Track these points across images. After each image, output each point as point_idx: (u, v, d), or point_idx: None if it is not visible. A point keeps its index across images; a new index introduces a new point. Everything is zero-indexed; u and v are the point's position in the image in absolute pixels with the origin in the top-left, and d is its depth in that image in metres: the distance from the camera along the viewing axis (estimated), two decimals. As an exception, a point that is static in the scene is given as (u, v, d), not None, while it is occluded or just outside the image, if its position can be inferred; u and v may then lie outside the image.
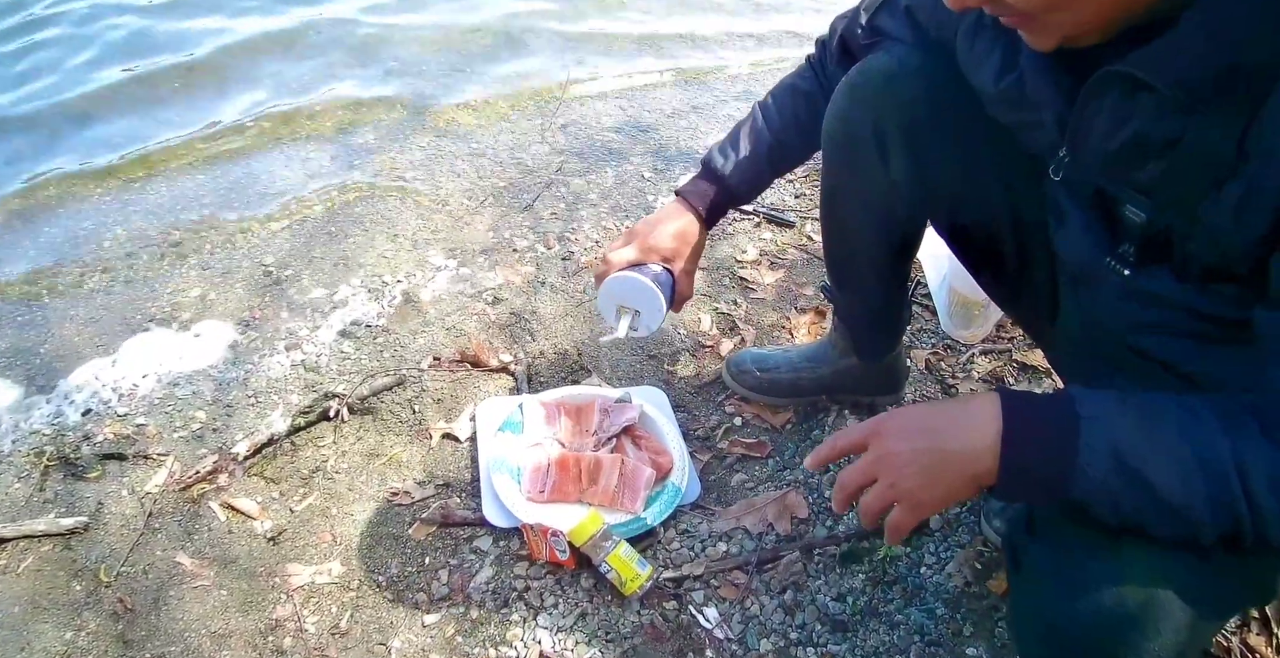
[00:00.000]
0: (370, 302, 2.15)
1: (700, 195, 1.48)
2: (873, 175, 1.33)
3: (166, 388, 1.90)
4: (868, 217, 1.43)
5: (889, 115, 1.25)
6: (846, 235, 1.52)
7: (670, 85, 3.51)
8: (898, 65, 1.23)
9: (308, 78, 3.50)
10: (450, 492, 1.64)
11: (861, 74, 1.27)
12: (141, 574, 1.49)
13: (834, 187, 1.44)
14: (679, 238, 1.46)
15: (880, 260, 1.52)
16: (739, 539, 1.54)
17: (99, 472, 1.69)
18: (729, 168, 1.47)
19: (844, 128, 1.32)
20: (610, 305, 1.46)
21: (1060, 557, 0.90)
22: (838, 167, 1.40)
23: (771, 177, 1.53)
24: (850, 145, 1.33)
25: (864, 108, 1.28)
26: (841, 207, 1.47)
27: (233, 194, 2.67)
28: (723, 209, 1.51)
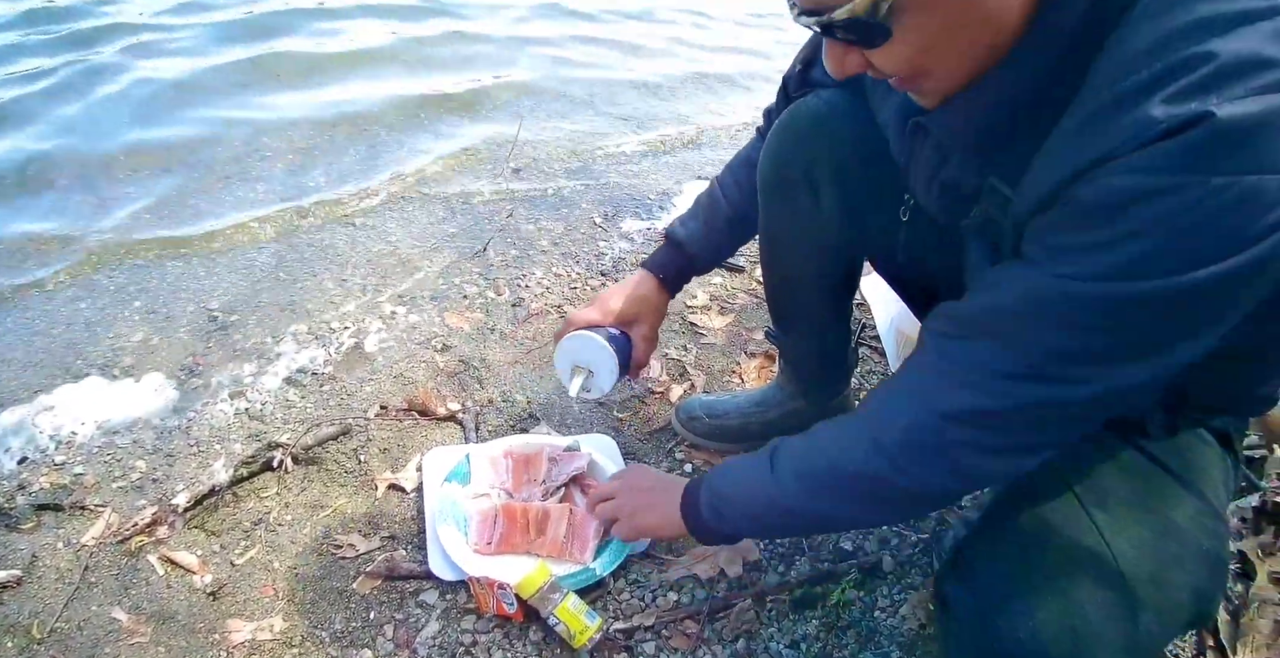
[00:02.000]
0: (317, 348, 2.14)
1: (663, 266, 1.52)
2: (806, 214, 1.39)
3: (106, 436, 1.86)
4: (805, 255, 1.48)
5: (819, 155, 1.32)
6: (786, 275, 1.57)
7: (622, 133, 3.55)
8: (826, 107, 1.30)
9: (260, 120, 3.48)
10: (396, 544, 1.61)
11: (792, 116, 1.34)
12: (76, 630, 1.45)
13: (771, 227, 1.49)
14: (640, 303, 1.49)
15: (821, 299, 1.58)
16: (690, 588, 1.54)
17: (34, 523, 1.64)
18: (690, 239, 1.51)
19: (776, 168, 1.38)
20: (566, 364, 1.47)
21: (982, 597, 0.96)
22: (773, 207, 1.45)
23: (730, 246, 1.57)
24: (783, 185, 1.39)
25: (795, 148, 1.34)
26: (779, 246, 1.52)
27: (178, 236, 2.64)
28: (685, 277, 1.55)
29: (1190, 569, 0.94)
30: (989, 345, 0.85)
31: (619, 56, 4.54)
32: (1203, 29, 0.70)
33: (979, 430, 0.88)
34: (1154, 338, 0.79)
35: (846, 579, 1.54)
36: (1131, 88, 0.72)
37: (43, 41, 4.20)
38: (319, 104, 3.64)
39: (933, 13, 0.77)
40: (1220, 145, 0.68)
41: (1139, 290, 0.74)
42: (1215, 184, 0.68)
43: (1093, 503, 0.97)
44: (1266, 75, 0.67)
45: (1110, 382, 0.81)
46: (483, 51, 4.39)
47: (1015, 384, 0.83)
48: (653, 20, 5.29)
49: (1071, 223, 0.77)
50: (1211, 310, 0.77)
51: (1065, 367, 0.81)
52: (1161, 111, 0.69)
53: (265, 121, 3.45)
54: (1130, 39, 0.74)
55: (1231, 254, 0.71)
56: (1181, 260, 0.72)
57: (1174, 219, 0.70)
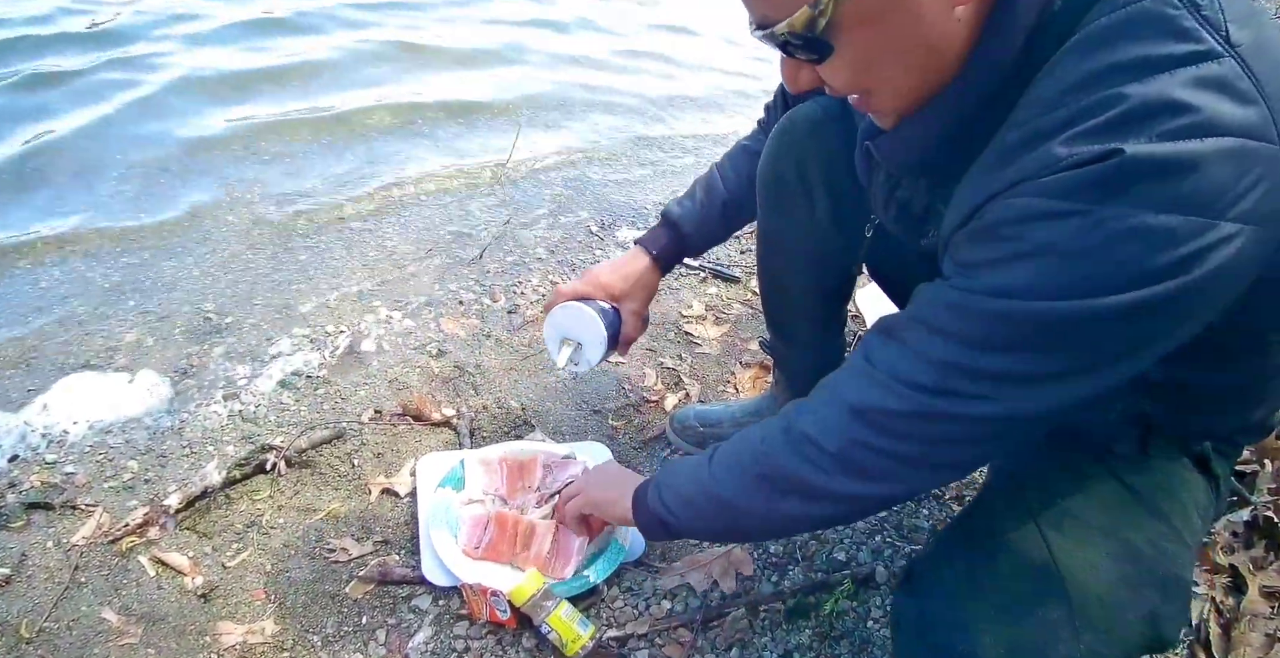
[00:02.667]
0: (311, 352, 2.13)
1: (656, 241, 1.55)
2: (801, 217, 1.41)
3: (98, 435, 1.85)
4: (800, 260, 1.50)
5: (813, 159, 1.35)
6: (782, 281, 1.58)
7: (619, 144, 3.56)
8: (821, 113, 1.33)
9: (257, 123, 3.48)
10: (389, 549, 1.61)
11: (789, 121, 1.37)
12: (65, 630, 1.44)
13: (767, 230, 1.51)
14: (630, 278, 1.51)
15: (815, 305, 1.59)
16: (684, 597, 1.54)
17: (23, 521, 1.63)
18: (684, 217, 1.54)
19: (773, 171, 1.41)
20: (555, 336, 1.49)
21: (926, 610, 0.98)
22: (769, 210, 1.47)
23: (724, 229, 1.59)
24: (779, 188, 1.41)
25: (790, 152, 1.37)
26: (775, 250, 1.53)
27: (173, 238, 2.63)
28: (677, 255, 1.57)
29: (1145, 593, 0.94)
30: (902, 351, 0.87)
31: (618, 69, 4.55)
32: (1122, 72, 0.71)
33: (876, 430, 0.88)
34: (1045, 364, 0.79)
35: (840, 590, 1.54)
36: (1047, 125, 0.74)
37: (35, 43, 4.18)
38: (316, 108, 3.63)
39: (870, 31, 0.79)
40: (1122, 180, 0.69)
41: (1026, 310, 0.76)
42: (1109, 214, 0.70)
43: (1048, 523, 0.98)
44: (1176, 120, 0.68)
45: (1003, 404, 0.81)
46: (482, 61, 4.38)
47: (918, 391, 0.84)
48: (651, 36, 5.30)
49: (975, 241, 0.80)
50: (1107, 344, 0.77)
51: (963, 381, 0.82)
52: (1066, 149, 0.71)
53: (262, 124, 3.44)
54: (1055, 76, 0.76)
55: (1126, 288, 0.72)
56: (1072, 286, 0.73)
57: (1066, 242, 0.72)
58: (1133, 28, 0.73)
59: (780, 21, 0.79)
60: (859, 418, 0.89)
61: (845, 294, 1.61)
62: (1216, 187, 0.69)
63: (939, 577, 1.00)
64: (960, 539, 1.05)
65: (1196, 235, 0.69)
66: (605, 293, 1.50)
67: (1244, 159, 0.69)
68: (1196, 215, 0.69)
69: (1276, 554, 1.61)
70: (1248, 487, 1.72)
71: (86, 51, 4.07)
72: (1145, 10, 0.73)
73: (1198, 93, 0.69)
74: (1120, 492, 1.02)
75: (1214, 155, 0.68)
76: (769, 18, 0.81)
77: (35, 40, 4.16)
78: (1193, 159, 0.68)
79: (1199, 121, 0.68)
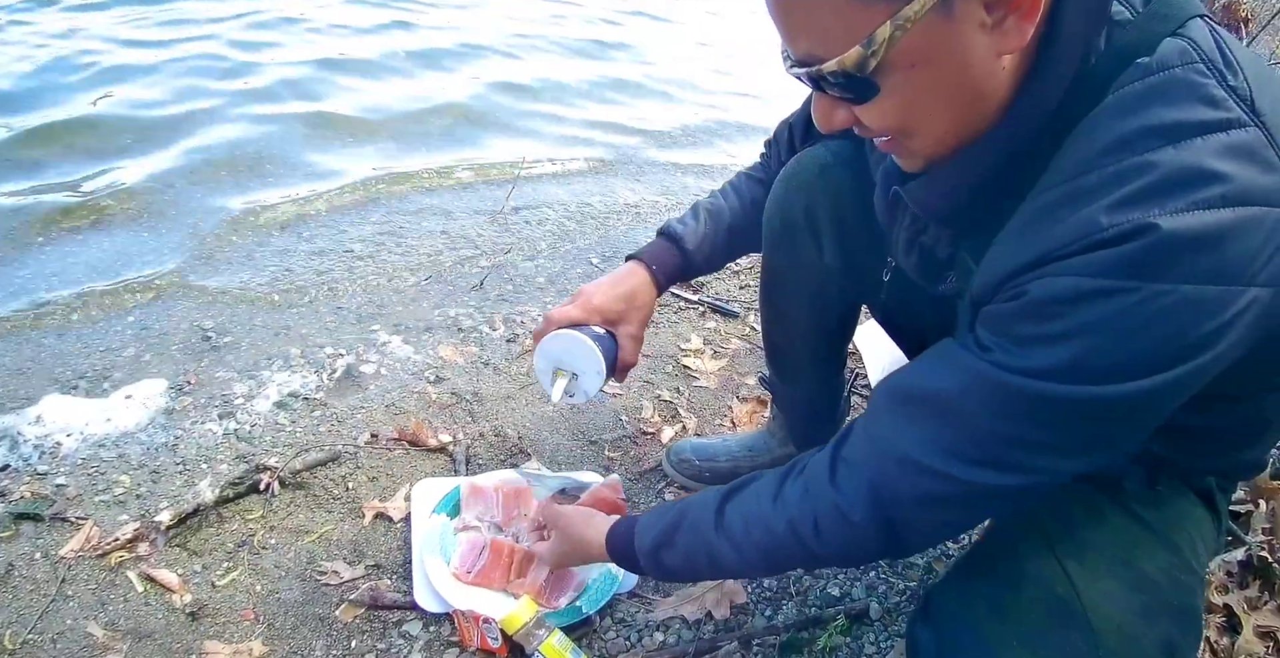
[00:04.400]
0: (309, 373, 2.13)
1: (656, 258, 1.48)
2: (807, 260, 1.41)
3: (91, 449, 1.84)
4: (804, 301, 1.50)
5: (821, 202, 1.35)
6: (784, 320, 1.58)
7: (621, 175, 3.59)
8: (831, 156, 1.34)
9: (262, 145, 3.50)
10: (381, 573, 1.60)
11: (798, 163, 1.38)
12: (49, 643, 1.42)
13: (772, 271, 1.51)
14: (627, 300, 1.44)
15: (817, 344, 1.59)
16: (676, 629, 1.53)
17: (12, 531, 1.62)
18: (688, 235, 1.48)
19: (781, 213, 1.41)
20: (547, 367, 1.40)
21: (947, 641, 0.98)
22: (775, 251, 1.46)
23: (726, 253, 1.54)
24: (786, 231, 1.41)
25: (798, 195, 1.37)
26: (779, 291, 1.53)
27: (174, 254, 2.64)
28: (677, 275, 1.50)
29: (1161, 623, 0.95)
30: (937, 430, 0.88)
31: (624, 100, 4.60)
32: (1155, 136, 0.73)
33: (935, 512, 0.91)
34: (1085, 438, 0.82)
35: (834, 625, 1.53)
36: (1081, 188, 0.76)
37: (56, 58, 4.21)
38: (323, 133, 3.66)
39: (920, 73, 0.79)
40: (1161, 255, 0.71)
41: (1075, 395, 0.77)
42: (1154, 291, 0.72)
43: (1066, 553, 0.99)
44: (1209, 189, 0.70)
45: (1038, 474, 0.84)
46: (488, 88, 4.43)
47: (963, 471, 0.86)
48: (655, 65, 5.36)
49: (1016, 316, 0.80)
50: (1142, 417, 0.81)
51: (1007, 455, 0.84)
52: (1106, 218, 0.73)
53: (266, 143, 3.47)
54: (1090, 137, 0.78)
55: (1168, 366, 0.75)
56: (1117, 367, 0.76)
57: (1110, 322, 0.74)
58: (1165, 93, 0.75)
59: (828, 60, 0.79)
60: (911, 506, 0.91)
61: (846, 334, 1.62)
62: (1246, 255, 0.71)
63: (959, 606, 1.01)
64: (978, 569, 1.06)
65: (1231, 304, 0.72)
66: (600, 317, 1.41)
67: (1269, 227, 0.71)
68: (1230, 284, 0.72)
69: (1271, 594, 1.61)
70: (1242, 527, 1.73)
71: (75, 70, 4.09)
72: (1176, 77, 0.75)
73: (1227, 161, 0.71)
74: (1132, 524, 1.04)
75: (1245, 224, 0.71)
76: (815, 56, 0.80)
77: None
78: (1225, 230, 0.70)
79: (1229, 192, 0.70)
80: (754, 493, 1.09)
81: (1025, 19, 0.75)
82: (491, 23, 5.70)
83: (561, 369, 1.39)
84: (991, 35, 0.76)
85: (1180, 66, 0.76)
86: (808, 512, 0.99)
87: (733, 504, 1.10)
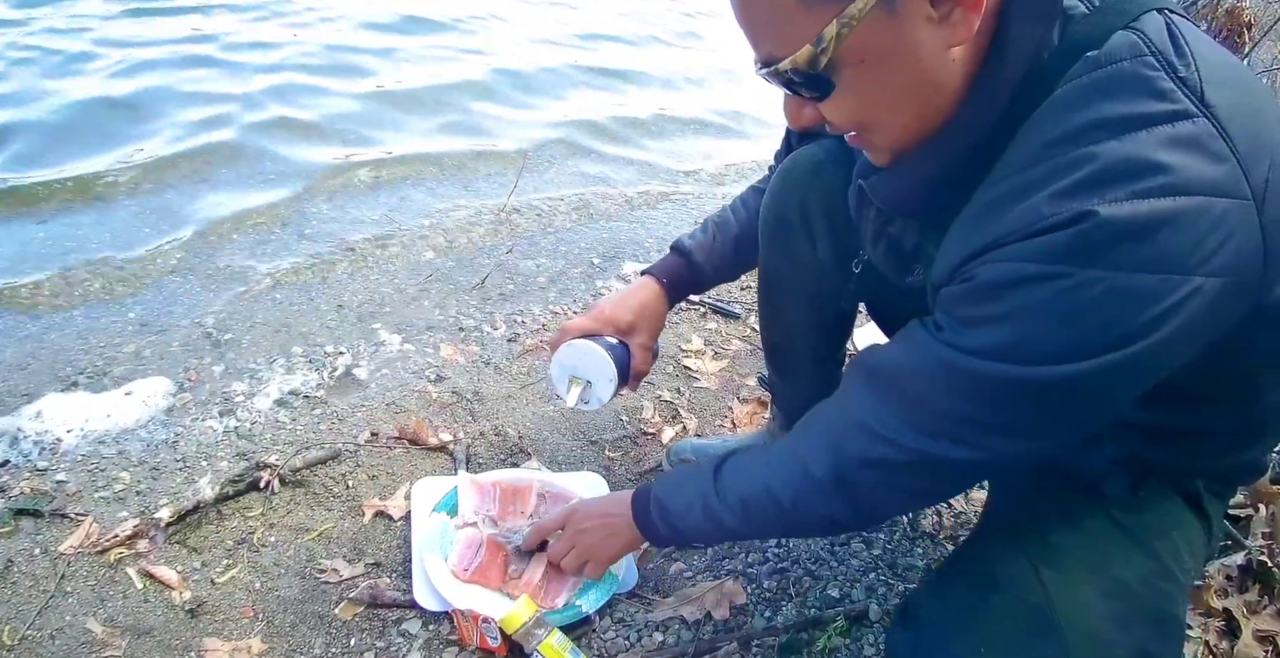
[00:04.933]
0: (310, 372, 2.13)
1: (667, 271, 1.54)
2: (802, 258, 1.43)
3: (91, 445, 1.84)
4: (800, 298, 1.51)
5: (814, 199, 1.37)
6: (782, 318, 1.59)
7: (626, 178, 3.60)
8: (824, 154, 1.36)
9: (262, 144, 3.50)
10: (380, 571, 1.60)
11: (793, 161, 1.40)
12: (48, 639, 1.42)
13: (769, 269, 1.52)
14: (639, 311, 1.49)
15: (815, 342, 1.59)
16: (676, 629, 1.53)
17: (11, 527, 1.62)
18: (697, 249, 1.54)
19: (776, 211, 1.42)
20: (562, 375, 1.46)
21: (921, 645, 1.01)
22: (771, 249, 1.48)
23: (735, 264, 1.59)
24: (781, 228, 1.43)
25: (793, 193, 1.39)
26: (776, 289, 1.54)
27: (178, 252, 2.64)
28: (687, 285, 1.56)
29: (1137, 630, 0.95)
30: (895, 402, 0.93)
31: (627, 100, 4.60)
32: (1100, 129, 0.75)
33: (888, 476, 0.96)
34: (1026, 419, 0.86)
35: (833, 626, 1.53)
36: (1027, 180, 0.78)
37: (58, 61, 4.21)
38: (326, 132, 3.66)
39: (871, 68, 0.81)
40: (1098, 242, 0.72)
41: (1011, 374, 0.80)
42: (1088, 277, 0.73)
43: (1041, 560, 0.99)
44: (1150, 179, 0.71)
45: (993, 450, 0.88)
46: (489, 90, 4.43)
47: (913, 440, 0.91)
48: (659, 66, 5.36)
49: (963, 298, 0.84)
50: (1083, 401, 0.83)
51: (954, 429, 0.88)
52: (1048, 207, 0.75)
53: (268, 144, 3.47)
54: (1036, 131, 0.80)
55: (1103, 351, 0.76)
56: (1052, 350, 0.78)
57: (1045, 306, 0.76)
58: (1112, 87, 0.76)
59: (784, 59, 0.82)
60: (868, 467, 0.96)
61: (844, 332, 1.62)
62: (1187, 245, 0.72)
63: (934, 612, 1.03)
64: (955, 575, 1.08)
65: (1170, 293, 0.73)
66: (613, 327, 1.47)
67: (1214, 216, 0.72)
68: (1169, 273, 0.73)
69: (1270, 599, 1.61)
70: (1242, 531, 1.73)
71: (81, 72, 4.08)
72: (1123, 70, 0.77)
73: (1171, 152, 0.72)
74: (1111, 530, 1.04)
75: (1184, 214, 0.71)
76: (773, 55, 0.84)
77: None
78: (1164, 218, 0.71)
79: (1171, 182, 0.71)
80: (748, 452, 1.18)
81: (971, 10, 0.77)
82: (502, 30, 5.69)
83: (576, 377, 1.46)
84: (939, 28, 0.78)
85: (1129, 59, 0.77)
86: (780, 467, 1.08)
87: (730, 461, 1.19)
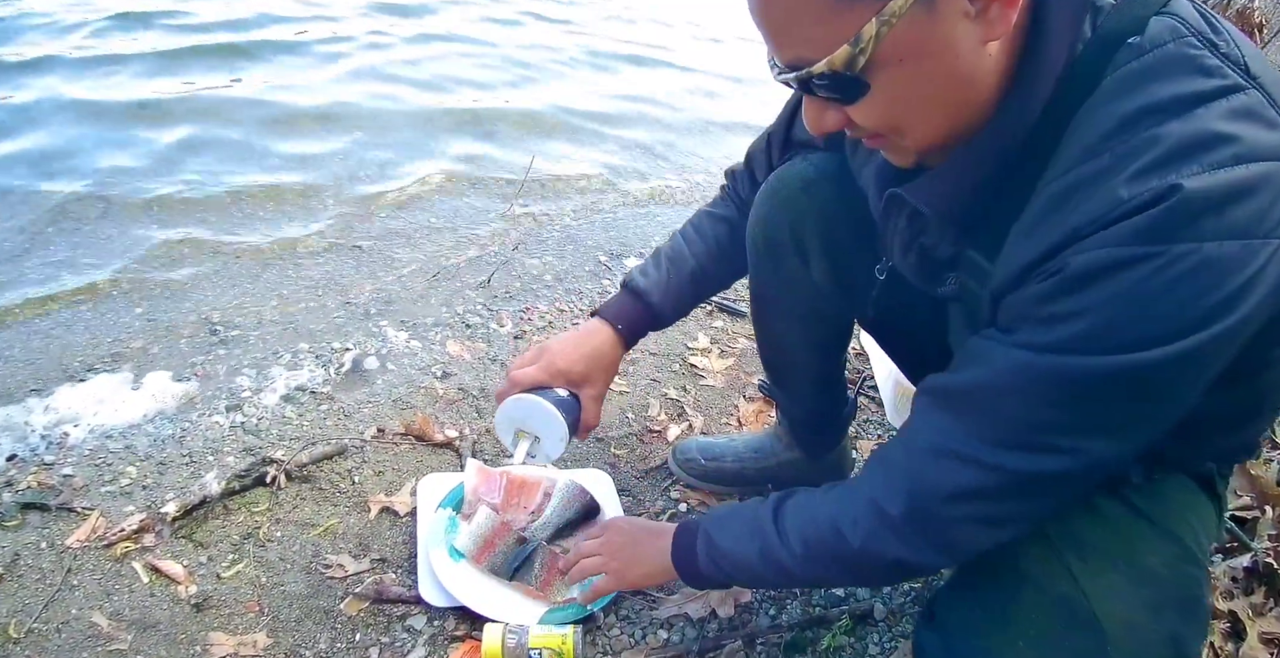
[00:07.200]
0: (316, 367, 2.13)
1: (621, 315, 1.47)
2: (795, 278, 1.39)
3: (99, 439, 1.84)
4: (795, 317, 1.49)
5: (806, 218, 1.33)
6: (777, 339, 1.58)
7: (631, 174, 3.60)
8: (813, 170, 1.32)
9: (270, 139, 3.51)
10: (386, 567, 1.60)
11: (780, 180, 1.35)
12: (54, 632, 1.42)
13: (761, 292, 1.50)
14: (591, 361, 1.43)
15: (812, 361, 1.58)
16: (680, 627, 1.53)
17: (18, 521, 1.62)
18: (652, 288, 1.47)
19: (764, 232, 1.39)
20: (508, 428, 1.40)
21: (953, 644, 0.99)
22: (762, 272, 1.45)
23: (693, 299, 1.54)
24: (771, 250, 1.39)
25: (782, 212, 1.35)
26: (770, 311, 1.53)
27: (180, 247, 2.64)
28: (644, 329, 1.50)
29: (1167, 616, 0.95)
30: (975, 420, 0.88)
31: (637, 98, 4.60)
32: (1159, 112, 0.74)
33: (974, 505, 0.90)
34: (1117, 415, 0.82)
35: (838, 625, 1.53)
36: (1094, 170, 0.76)
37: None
38: (331, 128, 3.66)
39: (909, 67, 0.80)
40: (1184, 216, 0.71)
41: (1096, 366, 0.77)
42: (1177, 252, 0.72)
43: (1069, 551, 0.98)
44: (1221, 151, 0.71)
45: (1089, 456, 0.84)
46: (498, 84, 4.44)
47: (1002, 458, 0.86)
48: (675, 62, 5.37)
49: (1043, 296, 0.80)
50: (1181, 388, 0.80)
51: (1045, 438, 0.84)
52: (1127, 191, 0.73)
53: (276, 138, 3.48)
54: (1092, 123, 0.79)
55: (1193, 328, 0.74)
56: (1141, 333, 0.75)
57: (1136, 289, 0.74)
58: (1161, 70, 0.76)
59: (816, 62, 0.80)
60: (954, 501, 0.91)
61: (843, 344, 1.60)
62: (1263, 209, 0.72)
63: (962, 610, 1.02)
64: (980, 572, 1.05)
65: (1252, 258, 0.72)
66: (564, 379, 1.41)
67: None
68: (1250, 238, 0.72)
69: (1276, 601, 1.61)
70: (1248, 533, 1.72)
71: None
72: (1169, 53, 0.77)
73: (1234, 123, 0.72)
74: (1132, 517, 1.03)
75: (1259, 179, 0.71)
76: (803, 59, 0.81)
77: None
78: (1241, 186, 0.71)
79: (1240, 151, 0.71)
80: (811, 492, 1.11)
81: (1008, 5, 0.76)
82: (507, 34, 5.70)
83: (523, 431, 1.40)
84: (976, 23, 0.77)
85: (1172, 42, 0.77)
86: (849, 507, 1.01)
87: (793, 499, 1.12)
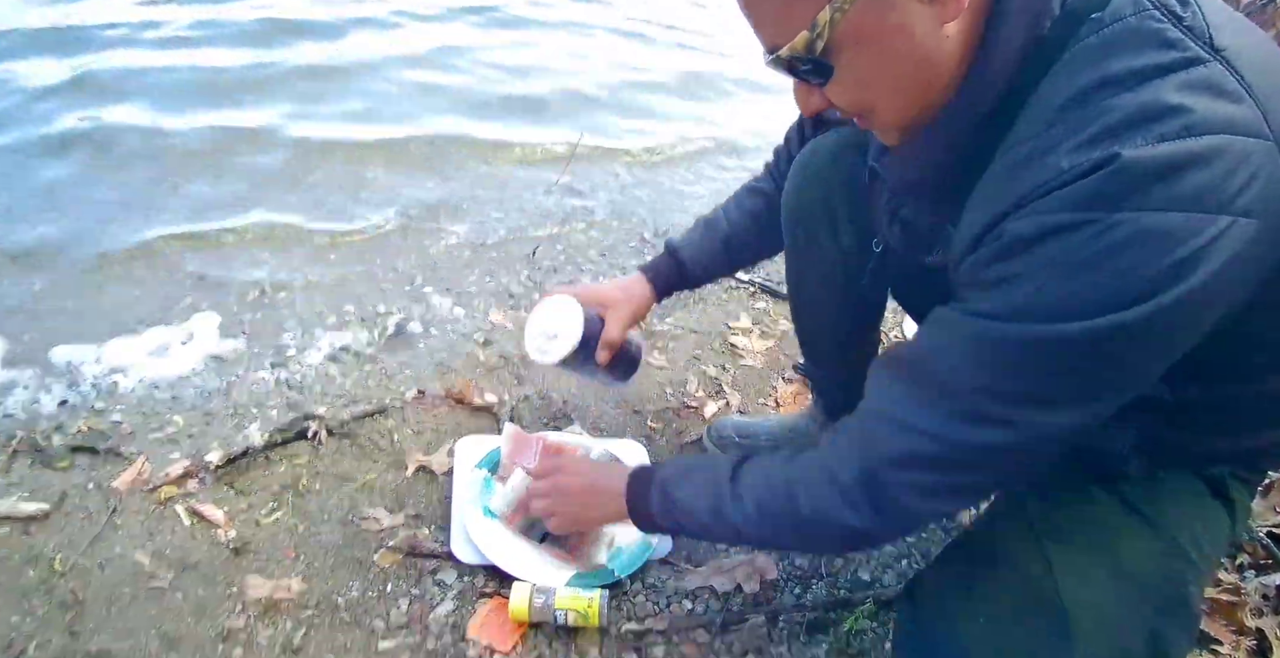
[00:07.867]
0: (361, 329, 2.16)
1: (656, 268, 1.61)
2: (827, 247, 1.42)
3: (147, 389, 1.89)
4: (828, 288, 1.50)
5: (836, 189, 1.36)
6: (812, 309, 1.60)
7: (680, 150, 3.61)
8: (843, 142, 1.35)
9: (323, 113, 3.56)
10: (420, 523, 1.62)
11: (811, 152, 1.39)
12: (98, 568, 1.46)
13: (795, 261, 1.53)
14: (623, 290, 1.56)
15: (846, 328, 1.59)
16: (705, 599, 1.54)
17: (68, 463, 1.67)
18: (685, 246, 1.59)
19: (797, 202, 1.43)
20: (535, 324, 1.51)
21: (922, 617, 1.01)
22: (796, 241, 1.48)
23: (726, 263, 1.63)
24: (804, 219, 1.43)
25: (813, 183, 1.39)
26: (804, 280, 1.55)
27: (232, 209, 2.69)
28: (675, 284, 1.62)
29: (1146, 612, 0.94)
30: (922, 388, 0.89)
31: (688, 75, 4.60)
32: (1114, 84, 0.74)
33: (919, 473, 0.90)
34: (1060, 386, 0.81)
35: (861, 608, 1.53)
36: (1046, 141, 0.76)
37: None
38: (382, 99, 3.70)
39: (867, 49, 0.82)
40: (1125, 185, 0.70)
41: (1034, 334, 0.77)
42: (1113, 220, 0.71)
43: (1048, 537, 0.99)
44: (1170, 122, 0.70)
45: (1030, 429, 0.83)
46: (548, 61, 4.46)
47: (944, 426, 0.86)
48: (726, 28, 5.36)
49: (988, 261, 0.80)
50: (1120, 363, 0.79)
51: (985, 407, 0.83)
52: (1068, 160, 0.73)
53: (326, 102, 3.53)
54: (1048, 95, 0.79)
55: (1133, 300, 0.73)
56: (1077, 302, 0.74)
57: (1071, 255, 0.73)
58: (1120, 42, 0.76)
59: (783, 46, 0.83)
60: (898, 467, 0.91)
61: (877, 315, 1.61)
62: (1213, 182, 0.70)
63: (935, 583, 1.04)
64: (960, 551, 1.07)
65: (1197, 233, 0.71)
66: (597, 299, 1.53)
67: (1238, 154, 0.71)
68: (1196, 211, 0.70)
69: (1306, 620, 1.58)
70: (1281, 548, 1.69)
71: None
72: (1129, 26, 0.76)
73: (1188, 95, 0.71)
74: (1123, 510, 1.02)
75: (1209, 152, 0.70)
76: (775, 44, 0.85)
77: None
78: (1188, 158, 0.69)
79: (1192, 121, 0.70)
80: (774, 456, 1.12)
81: None
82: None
83: (545, 330, 1.49)
84: (930, 5, 0.78)
85: (1133, 16, 0.76)
86: (804, 472, 1.03)
87: (752, 462, 1.13)
